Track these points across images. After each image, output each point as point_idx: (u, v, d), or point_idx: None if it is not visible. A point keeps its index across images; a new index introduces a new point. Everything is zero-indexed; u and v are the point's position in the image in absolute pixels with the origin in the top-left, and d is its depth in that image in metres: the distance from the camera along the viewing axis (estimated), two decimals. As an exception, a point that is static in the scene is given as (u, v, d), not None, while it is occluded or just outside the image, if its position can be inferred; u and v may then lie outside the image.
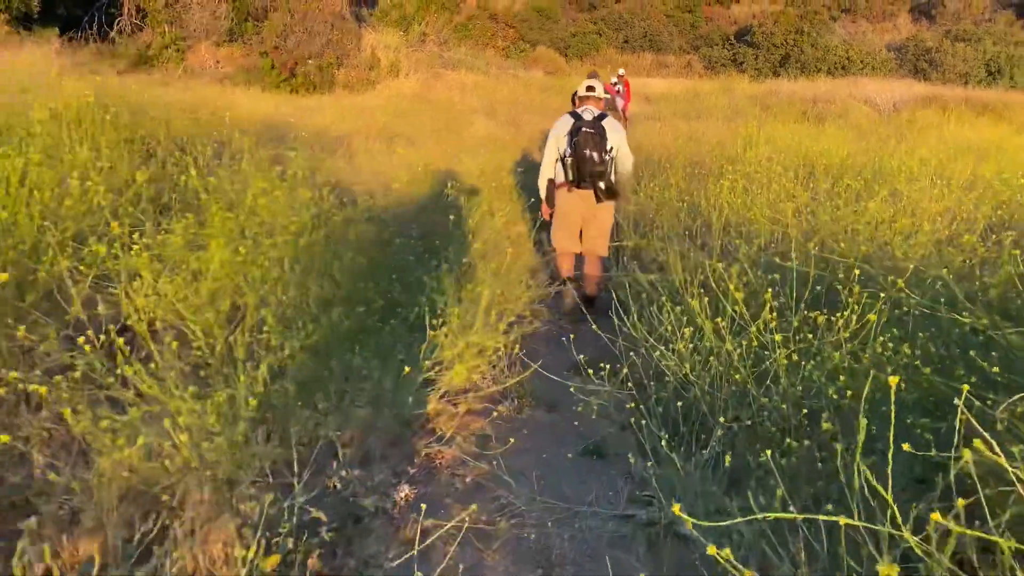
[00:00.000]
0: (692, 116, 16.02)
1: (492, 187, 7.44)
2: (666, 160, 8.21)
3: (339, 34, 20.37)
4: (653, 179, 6.71)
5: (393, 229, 5.07)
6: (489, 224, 5.73)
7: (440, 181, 7.61)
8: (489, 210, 5.94)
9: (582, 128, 4.97)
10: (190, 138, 5.48)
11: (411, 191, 6.48)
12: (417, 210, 6.13)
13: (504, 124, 14.95)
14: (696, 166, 7.21)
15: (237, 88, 18.13)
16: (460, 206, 5.55)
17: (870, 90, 17.32)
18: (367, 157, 8.14)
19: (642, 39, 40.08)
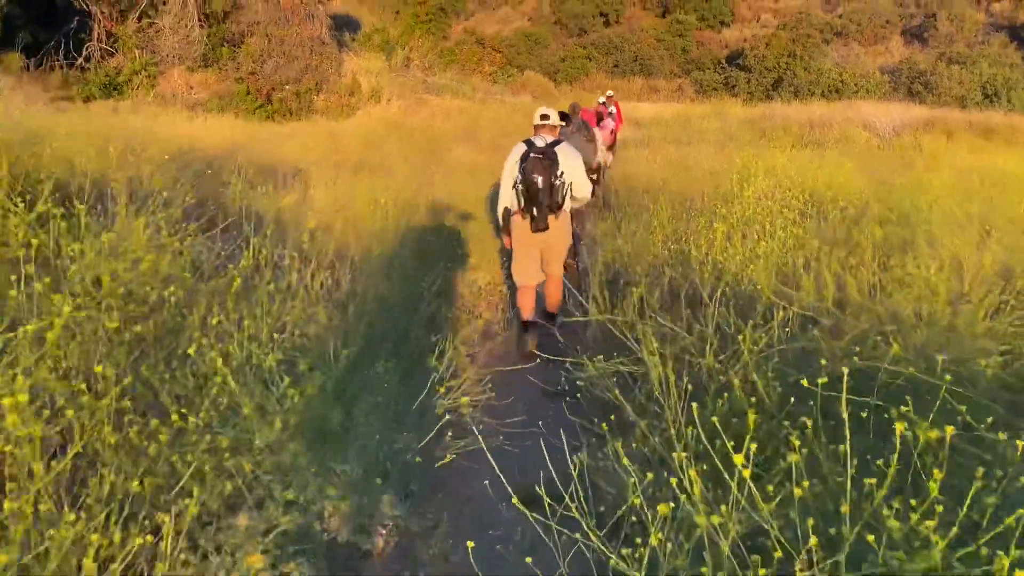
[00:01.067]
0: (683, 141, 15.34)
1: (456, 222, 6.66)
2: (652, 193, 7.45)
3: (319, 59, 19.73)
4: (635, 219, 5.90)
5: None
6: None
7: (401, 215, 6.84)
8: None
9: (531, 154, 4.99)
10: (98, 178, 4.66)
11: (356, 232, 5.69)
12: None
13: (486, 150, 14.21)
14: (686, 200, 6.44)
15: (210, 115, 17.44)
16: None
17: (868, 113, 16.70)
18: (325, 190, 7.36)
19: (632, 63, 39.66)
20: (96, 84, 17.20)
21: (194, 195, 4.59)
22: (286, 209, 5.78)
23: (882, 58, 39.71)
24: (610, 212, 6.80)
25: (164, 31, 18.22)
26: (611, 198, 8.11)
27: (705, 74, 34.97)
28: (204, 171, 6.19)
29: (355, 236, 5.25)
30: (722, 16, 46.96)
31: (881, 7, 43.14)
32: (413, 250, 5.67)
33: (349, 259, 4.13)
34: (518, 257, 5.30)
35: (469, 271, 6.35)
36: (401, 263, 5.22)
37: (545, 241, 5.15)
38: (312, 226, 4.13)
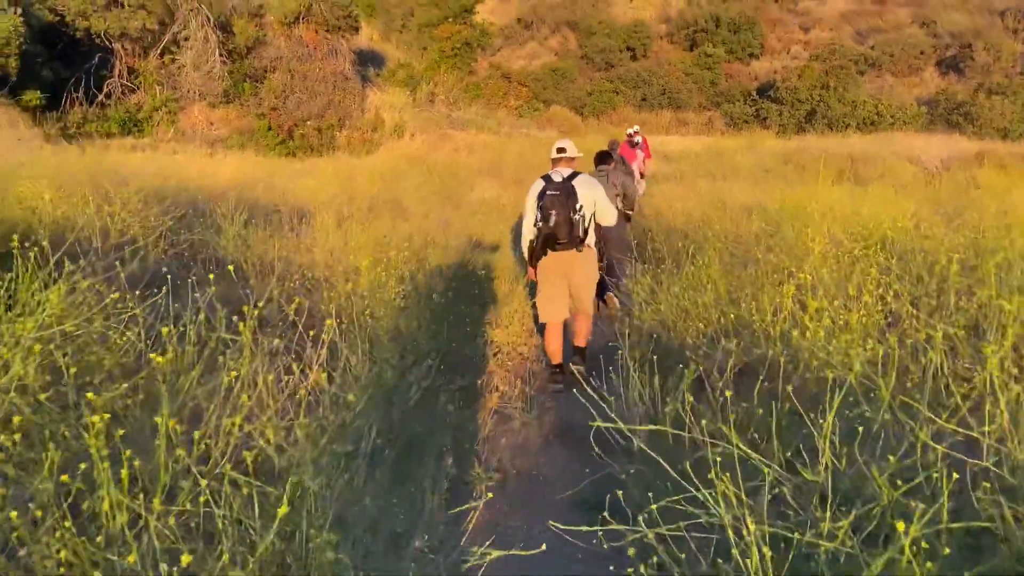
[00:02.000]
0: (716, 175, 14.64)
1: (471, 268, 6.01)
2: (692, 235, 6.74)
3: (342, 94, 19.44)
4: (676, 272, 5.16)
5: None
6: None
7: (410, 261, 6.20)
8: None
9: (547, 191, 5.03)
10: (60, 225, 4.09)
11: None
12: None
13: (509, 186, 13.63)
14: (730, 242, 5.73)
15: (229, 152, 17.14)
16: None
17: (911, 146, 15.89)
18: (330, 233, 6.76)
19: (660, 96, 39.16)
20: (115, 121, 17.00)
21: (171, 243, 3.96)
22: (279, 257, 5.19)
23: (917, 89, 38.82)
24: (644, 259, 6.11)
25: (186, 67, 18.01)
26: (645, 242, 7.43)
27: (735, 107, 34.30)
28: (189, 212, 5.63)
29: (349, 296, 4.60)
30: (751, 48, 46.44)
31: (914, 38, 42.33)
32: (417, 310, 5.02)
33: (337, 328, 3.46)
34: (544, 292, 5.27)
35: (484, 327, 5.68)
36: (404, 326, 4.57)
37: (571, 275, 5.14)
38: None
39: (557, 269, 5.14)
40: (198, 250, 4.96)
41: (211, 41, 18.18)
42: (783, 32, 49.97)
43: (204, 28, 18.04)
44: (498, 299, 6.43)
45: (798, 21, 50.83)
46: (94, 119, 16.79)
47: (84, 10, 16.91)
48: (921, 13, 45.42)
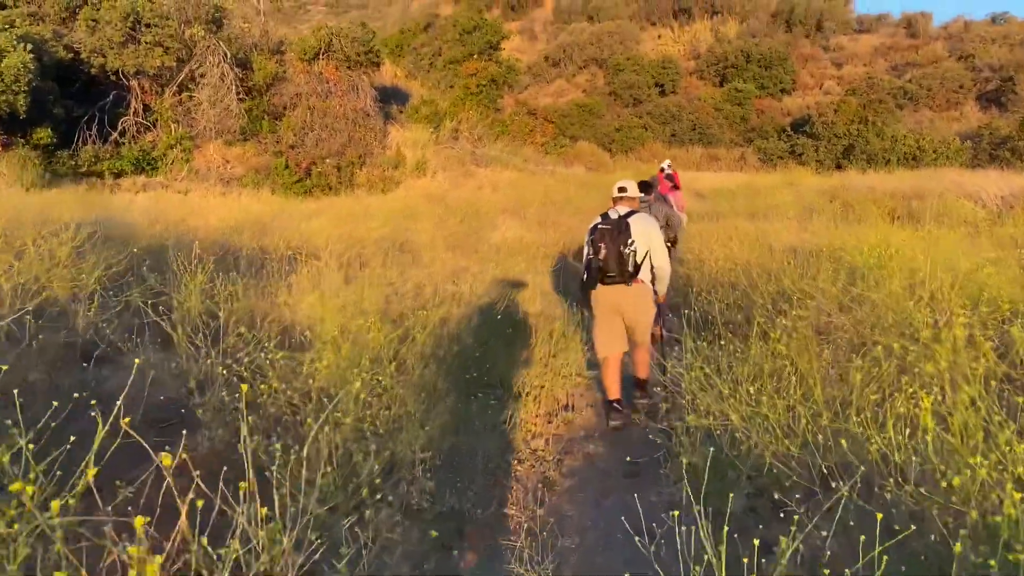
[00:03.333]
0: (757, 215, 13.66)
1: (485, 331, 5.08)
2: (745, 289, 5.77)
3: (362, 131, 18.86)
4: (736, 347, 4.15)
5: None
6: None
7: (418, 323, 5.30)
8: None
9: (599, 226, 5.18)
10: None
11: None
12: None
13: (533, 226, 12.79)
14: (802, 302, 4.77)
15: (245, 190, 16.55)
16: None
17: (966, 183, 14.78)
18: (320, 282, 5.89)
19: (691, 132, 38.38)
20: (128, 159, 16.51)
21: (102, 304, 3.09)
22: (239, 319, 4.32)
23: (956, 124, 37.59)
24: (688, 322, 5.16)
25: (202, 104, 17.54)
26: (689, 295, 6.51)
27: (769, 142, 33.32)
28: (146, 263, 4.80)
29: (335, 380, 3.69)
30: (783, 84, 45.64)
31: (952, 71, 41.21)
32: (410, 391, 4.09)
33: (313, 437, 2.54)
34: (599, 326, 5.32)
35: (505, 409, 4.77)
36: (385, 418, 3.62)
37: (624, 309, 5.16)
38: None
39: (609, 303, 5.19)
40: (150, 306, 4.14)
41: (228, 78, 17.72)
42: (815, 67, 49.16)
43: (221, 65, 17.60)
44: (526, 362, 5.52)
45: (830, 56, 50.03)
46: (107, 157, 16.30)
47: (100, 47, 16.57)
48: (958, 47, 44.35)
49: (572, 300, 7.48)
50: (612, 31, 53.57)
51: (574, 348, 5.98)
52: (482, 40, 26.58)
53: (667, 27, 58.95)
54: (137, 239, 6.07)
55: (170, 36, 17.20)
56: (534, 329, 6.32)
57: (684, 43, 56.23)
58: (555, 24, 61.71)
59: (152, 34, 16.94)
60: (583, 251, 5.34)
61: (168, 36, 17.17)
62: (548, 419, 4.89)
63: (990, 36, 43.80)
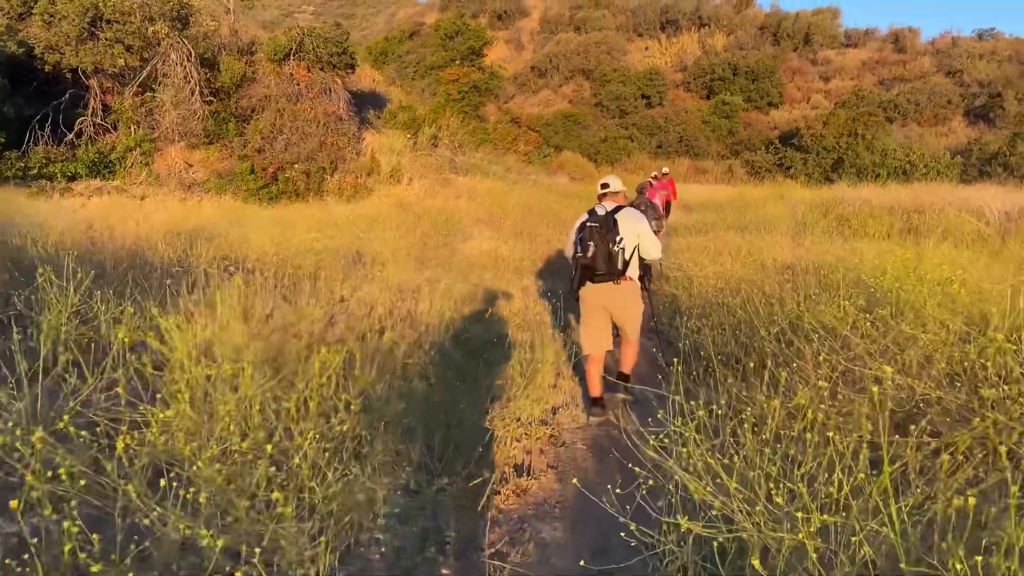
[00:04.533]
0: (746, 228, 12.89)
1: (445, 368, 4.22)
2: (741, 313, 4.94)
3: (334, 136, 17.95)
4: (726, 390, 3.27)
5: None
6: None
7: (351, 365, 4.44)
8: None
9: (587, 223, 5.06)
10: None
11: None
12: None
13: (509, 237, 11.94)
14: (800, 332, 3.94)
15: (206, 196, 15.63)
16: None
17: (965, 198, 14.08)
18: (243, 301, 5.00)
19: (677, 144, 37.79)
20: (84, 162, 15.53)
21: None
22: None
23: (944, 139, 37.25)
24: (674, 355, 4.30)
25: (165, 105, 16.60)
26: (677, 321, 5.70)
27: (757, 155, 32.74)
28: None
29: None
30: (770, 97, 45.25)
31: (940, 86, 40.91)
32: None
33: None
34: (586, 323, 5.24)
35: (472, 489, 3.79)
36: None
37: (613, 308, 5.09)
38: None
39: (596, 300, 5.09)
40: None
41: (193, 78, 16.80)
42: (802, 81, 48.85)
43: (185, 64, 16.69)
44: (480, 404, 4.64)
45: (818, 70, 49.74)
46: (60, 159, 15.32)
47: (56, 44, 15.63)
48: (946, 62, 44.13)
49: (556, 311, 6.64)
50: (599, 42, 53.08)
51: (540, 383, 5.11)
52: (464, 45, 25.82)
53: (654, 39, 58.58)
54: (27, 251, 5.18)
55: (132, 33, 16.29)
56: (495, 361, 5.46)
57: (671, 55, 55.85)
58: (542, 34, 61.21)
59: (112, 31, 16.03)
60: (568, 247, 5.28)
61: (130, 33, 16.27)
62: (498, 484, 3.85)
63: (977, 52, 43.61)
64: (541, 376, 5.16)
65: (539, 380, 5.07)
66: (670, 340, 6.21)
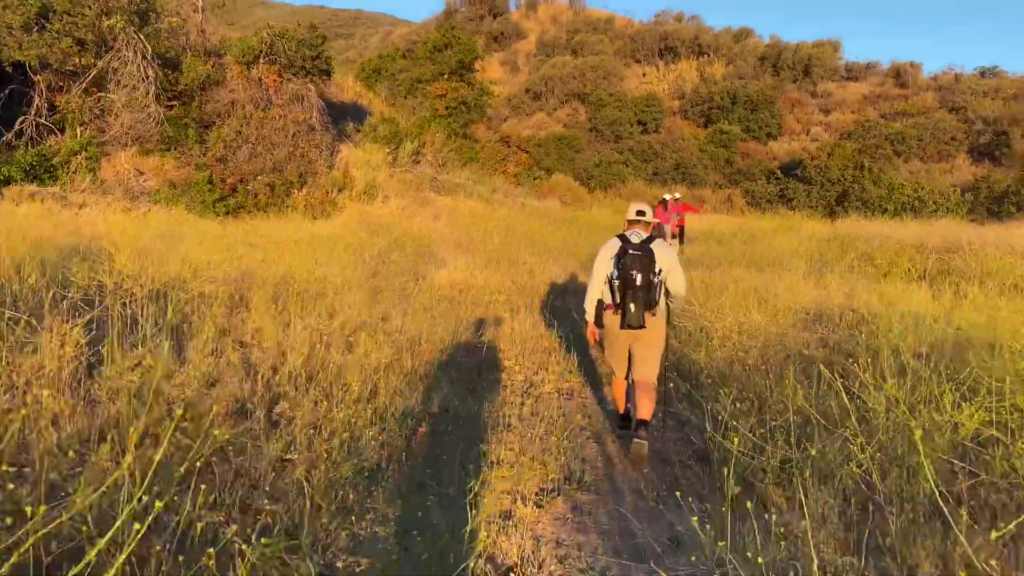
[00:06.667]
0: (756, 263, 11.39)
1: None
2: (767, 397, 3.43)
3: (305, 147, 16.43)
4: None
5: None
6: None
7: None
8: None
9: (628, 250, 4.86)
10: None
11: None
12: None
13: (485, 266, 10.39)
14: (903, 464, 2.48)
15: (156, 207, 14.05)
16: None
17: (981, 236, 12.70)
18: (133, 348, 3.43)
19: (674, 171, 36.50)
20: (20, 164, 13.92)
21: None
22: None
23: (949, 176, 36.14)
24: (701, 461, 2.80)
25: (116, 106, 15.05)
26: (696, 394, 4.23)
27: (757, 185, 31.43)
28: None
29: None
30: (769, 128, 44.17)
31: (944, 122, 39.89)
32: None
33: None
34: (610, 347, 5.13)
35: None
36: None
37: (639, 338, 4.93)
38: None
39: (626, 331, 4.88)
40: None
41: (149, 78, 15.28)
42: (802, 113, 47.86)
43: (142, 62, 15.16)
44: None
45: (818, 103, 48.79)
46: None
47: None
48: (949, 98, 43.19)
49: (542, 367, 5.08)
50: (596, 66, 52.05)
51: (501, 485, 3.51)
52: (454, 59, 24.45)
53: (652, 65, 57.66)
54: None
55: (85, 26, 14.80)
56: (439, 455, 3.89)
57: (669, 82, 54.87)
58: (538, 57, 60.24)
59: (62, 23, 14.53)
60: (596, 271, 4.96)
61: (83, 26, 14.78)
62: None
63: (981, 89, 42.70)
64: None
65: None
66: (690, 437, 4.71)
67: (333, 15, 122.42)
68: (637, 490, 3.68)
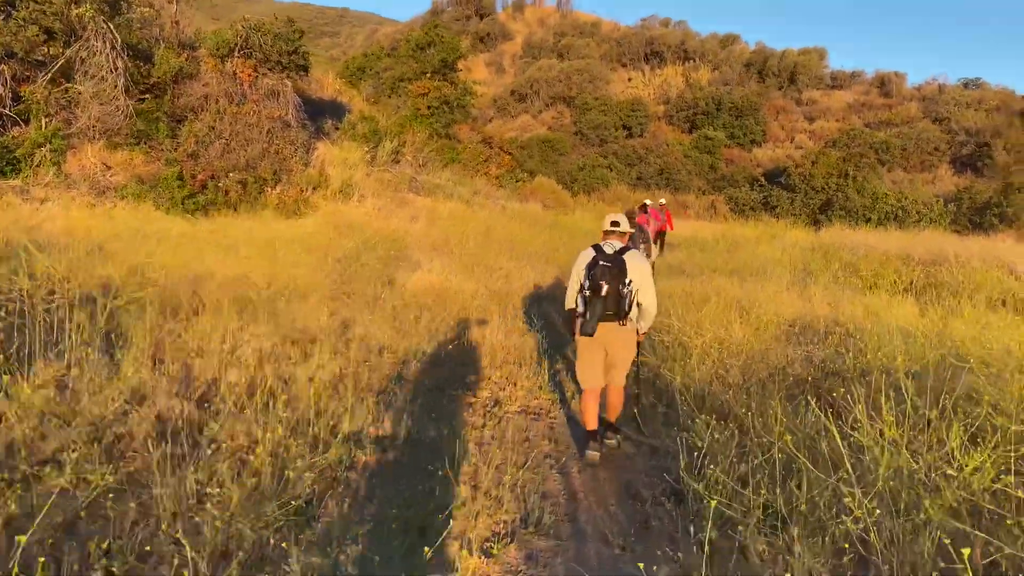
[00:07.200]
0: (738, 272, 11.09)
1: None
2: (749, 431, 3.11)
3: (280, 144, 15.97)
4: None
5: None
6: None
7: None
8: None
9: (599, 261, 4.93)
10: None
11: None
12: None
13: (461, 269, 10.03)
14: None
15: (122, 202, 13.57)
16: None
17: (966, 248, 12.50)
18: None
19: (658, 176, 36.29)
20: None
21: None
22: None
23: (931, 186, 36.21)
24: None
25: (84, 97, 14.54)
26: (669, 422, 3.89)
27: (741, 191, 31.26)
28: None
29: None
30: (753, 135, 44.10)
31: (927, 132, 39.98)
32: None
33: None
34: (582, 358, 5.14)
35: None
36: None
37: (611, 346, 4.97)
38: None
39: (598, 338, 4.95)
40: None
41: (119, 69, 14.77)
42: (787, 120, 47.86)
43: (111, 53, 14.66)
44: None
45: (802, 110, 48.81)
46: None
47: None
48: (933, 108, 43.33)
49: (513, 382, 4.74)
50: (582, 69, 51.81)
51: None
52: (437, 58, 24.06)
53: (638, 70, 57.54)
54: None
55: (53, 14, 14.30)
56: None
57: (654, 87, 54.73)
58: (524, 59, 59.96)
59: (28, 10, 14.02)
60: (572, 281, 5.04)
61: (50, 14, 14.27)
62: None
63: (964, 100, 42.87)
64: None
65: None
66: (664, 468, 4.35)
67: (320, 13, 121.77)
68: (602, 534, 3.31)
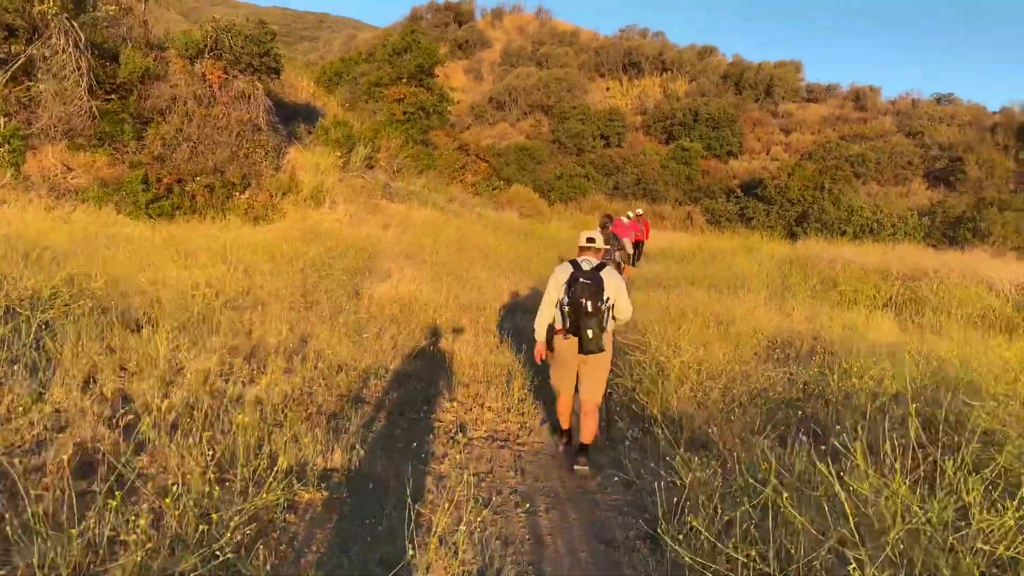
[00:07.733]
0: (715, 285, 10.89)
1: None
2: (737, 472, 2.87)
3: (250, 148, 15.56)
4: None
5: None
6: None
7: None
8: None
9: (579, 278, 4.96)
10: None
11: None
12: None
13: (431, 278, 9.72)
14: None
15: (82, 206, 13.09)
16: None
17: (945, 263, 12.41)
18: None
19: (635, 186, 36.22)
20: (-70, 158, 12.85)
21: None
22: None
23: (905, 200, 36.52)
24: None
25: (45, 96, 14.05)
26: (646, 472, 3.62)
27: (717, 203, 31.26)
28: None
29: None
30: (730, 146, 44.27)
31: (901, 146, 40.38)
32: None
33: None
34: (557, 368, 5.19)
35: None
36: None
37: (587, 361, 5.00)
38: None
39: (572, 353, 4.98)
40: None
41: (82, 68, 14.30)
42: (763, 132, 48.12)
43: (74, 51, 14.19)
44: None
45: (778, 123, 49.12)
46: None
47: (-86, 14, 13.06)
48: (906, 123, 43.78)
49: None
50: (560, 78, 51.78)
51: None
52: (413, 63, 23.76)
53: (616, 80, 57.63)
54: None
55: (14, 11, 13.82)
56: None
57: (632, 97, 54.85)
58: (502, 66, 59.82)
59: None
60: (547, 295, 5.00)
61: (12, 11, 13.80)
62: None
63: (937, 115, 43.38)
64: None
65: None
66: (638, 507, 4.06)
67: (299, 17, 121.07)
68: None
